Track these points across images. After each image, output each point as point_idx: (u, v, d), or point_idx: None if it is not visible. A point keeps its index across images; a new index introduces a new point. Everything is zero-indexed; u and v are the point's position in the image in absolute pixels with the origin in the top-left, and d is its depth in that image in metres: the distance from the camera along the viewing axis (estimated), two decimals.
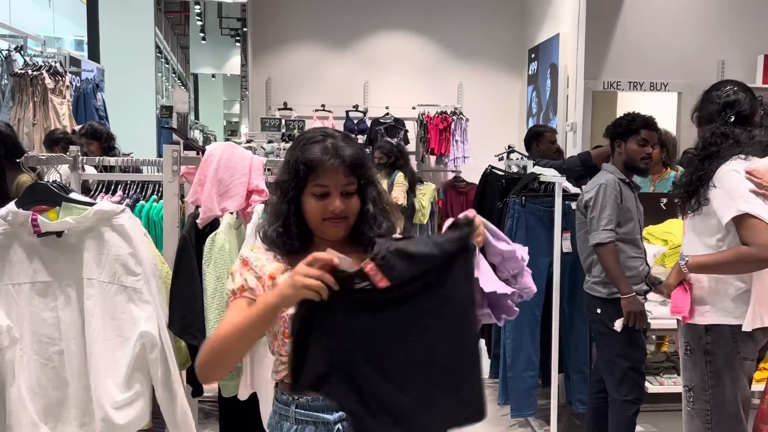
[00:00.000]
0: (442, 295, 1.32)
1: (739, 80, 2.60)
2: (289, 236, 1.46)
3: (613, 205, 3.03)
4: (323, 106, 7.73)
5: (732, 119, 2.44)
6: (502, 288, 1.44)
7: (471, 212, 1.41)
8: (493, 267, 1.49)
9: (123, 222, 1.97)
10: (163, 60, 9.63)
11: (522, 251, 1.52)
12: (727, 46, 6.73)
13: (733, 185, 2.33)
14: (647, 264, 3.17)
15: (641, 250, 3.15)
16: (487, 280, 1.42)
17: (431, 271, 1.32)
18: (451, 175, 7.81)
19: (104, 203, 2.01)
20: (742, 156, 2.38)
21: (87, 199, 2.07)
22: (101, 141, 4.35)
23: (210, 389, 2.91)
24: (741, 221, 2.28)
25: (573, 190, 3.67)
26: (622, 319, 2.95)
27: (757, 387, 2.63)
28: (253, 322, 1.33)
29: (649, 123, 3.15)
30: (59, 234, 1.97)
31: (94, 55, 7.04)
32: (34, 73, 5.23)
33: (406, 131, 7.65)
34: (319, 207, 1.43)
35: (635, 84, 6.67)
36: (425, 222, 7.22)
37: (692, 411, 2.46)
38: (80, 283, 1.98)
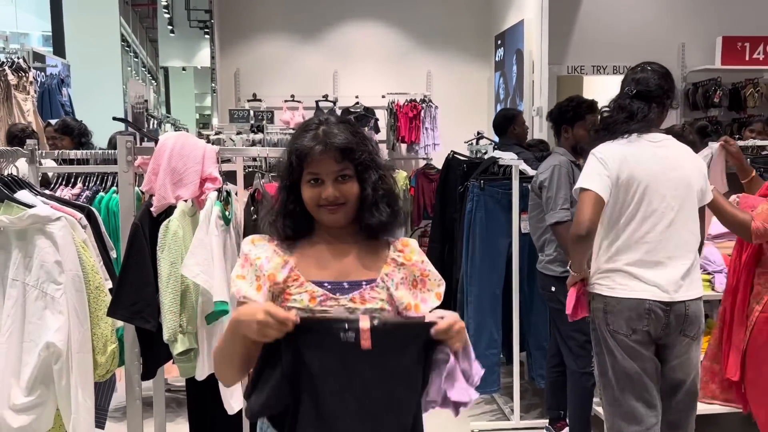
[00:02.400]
0: (401, 372, 1.39)
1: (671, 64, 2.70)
2: (287, 223, 1.49)
3: (567, 185, 3.12)
4: (293, 96, 7.75)
5: (633, 92, 2.50)
6: (463, 397, 1.45)
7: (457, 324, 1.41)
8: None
9: (55, 230, 2.00)
10: (131, 54, 9.57)
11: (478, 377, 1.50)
12: (686, 28, 6.86)
13: (587, 166, 2.49)
14: None
15: None
16: (455, 385, 1.45)
17: (402, 350, 1.39)
18: (422, 163, 7.88)
19: (41, 208, 2.03)
20: (622, 139, 2.46)
21: (30, 200, 2.09)
22: (72, 136, 4.35)
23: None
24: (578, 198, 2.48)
25: (531, 172, 3.76)
26: None
27: None
28: (228, 344, 1.40)
29: (593, 108, 3.26)
30: None
31: (59, 50, 6.98)
32: None
33: (377, 120, 7.69)
34: (313, 194, 1.45)
35: (598, 68, 6.79)
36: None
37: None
38: (5, 282, 2.02)
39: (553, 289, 3.19)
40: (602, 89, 7.40)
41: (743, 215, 2.58)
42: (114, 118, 2.62)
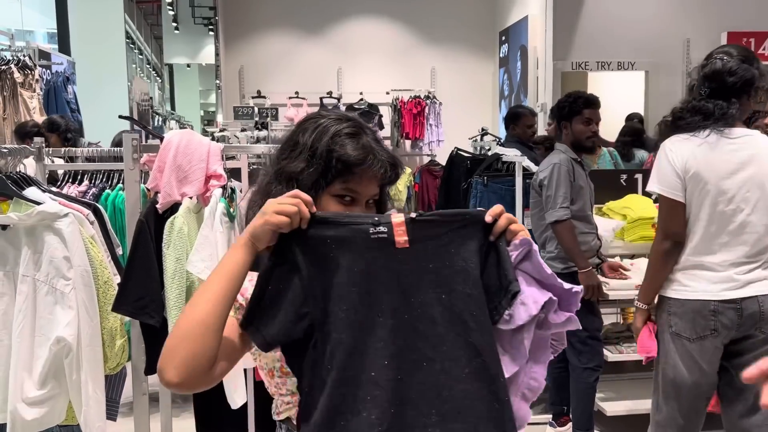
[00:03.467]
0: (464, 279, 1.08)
1: (737, 48, 2.36)
2: None
3: (567, 183, 3.13)
4: (297, 93, 7.77)
5: (707, 92, 2.30)
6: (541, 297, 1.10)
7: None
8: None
9: (63, 227, 2.02)
10: (136, 51, 9.59)
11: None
12: (691, 24, 6.84)
13: (657, 162, 2.35)
14: (598, 238, 3.28)
15: (593, 225, 3.27)
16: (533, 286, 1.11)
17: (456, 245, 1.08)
18: (426, 159, 7.90)
19: (50, 204, 2.06)
20: (696, 137, 2.27)
21: (39, 197, 2.12)
22: (59, 133, 4.38)
23: None
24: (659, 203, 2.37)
25: (534, 169, 3.77)
26: None
27: None
28: (219, 278, 1.05)
29: (590, 102, 3.24)
30: (4, 227, 2.04)
31: (64, 47, 7.01)
32: (3, 67, 5.24)
33: (381, 116, 7.71)
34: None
35: (603, 64, 6.78)
36: (402, 207, 7.33)
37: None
38: (15, 278, 2.05)
39: None
40: (607, 85, 7.40)
41: None
42: (120, 116, 2.64)
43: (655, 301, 2.41)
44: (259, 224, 1.05)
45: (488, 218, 1.10)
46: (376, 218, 1.07)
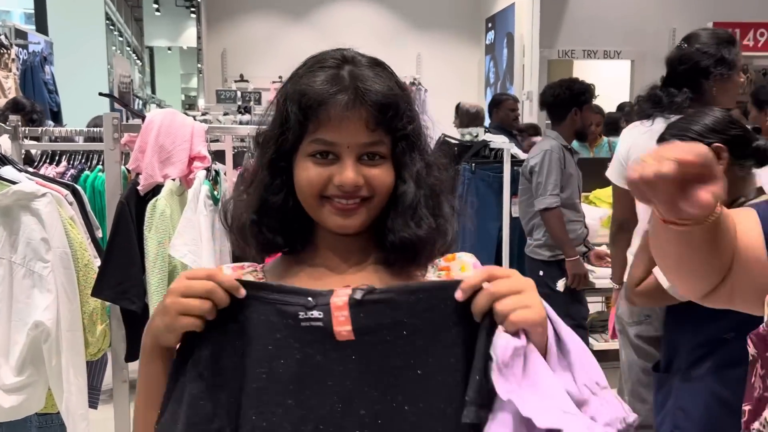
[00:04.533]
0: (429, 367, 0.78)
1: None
2: (272, 224, 0.92)
3: (558, 171, 3.10)
4: (280, 77, 7.66)
5: (663, 79, 2.27)
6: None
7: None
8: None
9: (40, 207, 1.94)
10: (116, 32, 9.41)
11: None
12: (678, 14, 6.85)
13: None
14: (585, 227, 3.27)
15: (581, 213, 3.26)
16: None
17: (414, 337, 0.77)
18: None
19: (26, 184, 1.98)
20: (651, 120, 2.19)
21: (15, 177, 2.04)
22: (24, 114, 4.26)
23: None
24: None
25: (522, 156, 3.74)
26: (564, 279, 3.05)
27: None
28: (144, 406, 0.87)
29: (593, 92, 3.26)
30: None
31: (41, 27, 6.84)
32: None
33: None
34: (318, 176, 0.88)
35: (589, 52, 6.77)
36: None
37: None
38: None
39: (541, 273, 3.19)
40: (594, 74, 7.40)
41: None
42: (101, 94, 2.56)
43: None
44: (162, 327, 0.81)
45: (458, 295, 0.76)
46: (311, 298, 0.77)
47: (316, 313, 0.76)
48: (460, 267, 0.95)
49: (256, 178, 0.93)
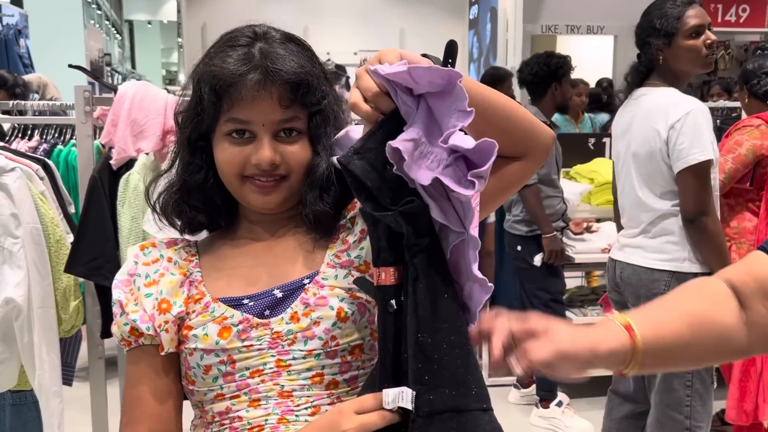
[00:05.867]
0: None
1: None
2: (194, 202, 0.95)
3: None
4: None
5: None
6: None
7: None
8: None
9: (9, 182, 1.90)
10: (94, 6, 9.22)
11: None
12: None
13: None
14: (564, 203, 3.26)
15: (558, 189, 3.24)
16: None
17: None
18: None
19: None
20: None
21: None
22: (7, 88, 4.17)
23: None
24: None
25: None
26: (541, 254, 3.06)
27: None
28: None
29: (571, 63, 3.21)
30: None
31: None
32: None
33: (348, 78, 7.56)
34: (236, 156, 0.90)
35: (573, 27, 6.74)
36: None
37: None
38: None
39: (519, 248, 3.20)
40: (579, 49, 7.36)
41: None
42: (71, 66, 2.49)
43: None
44: None
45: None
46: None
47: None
48: None
49: (176, 158, 0.96)
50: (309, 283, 0.91)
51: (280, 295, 0.91)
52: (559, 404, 3.21)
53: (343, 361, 0.90)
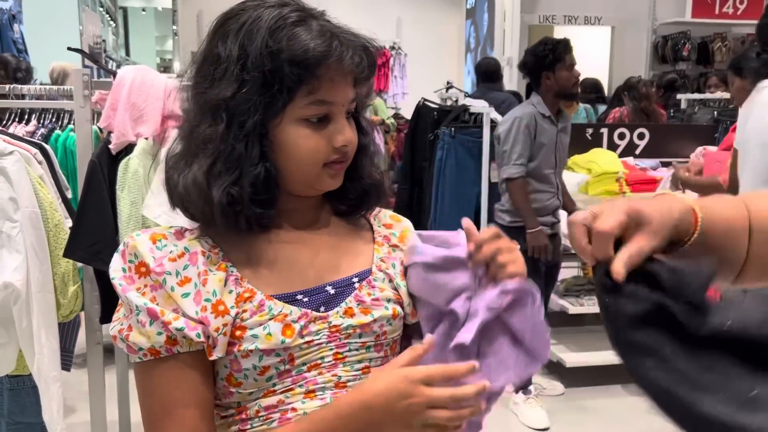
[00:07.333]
0: None
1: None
2: (262, 202, 0.84)
3: (524, 141, 3.01)
4: None
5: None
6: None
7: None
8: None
9: (7, 165, 1.88)
10: None
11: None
12: None
13: None
14: (558, 198, 3.19)
15: (551, 184, 3.15)
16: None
17: None
18: (390, 112, 7.78)
19: None
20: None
21: None
22: (7, 73, 4.13)
23: None
24: None
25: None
26: (518, 247, 3.03)
27: None
28: None
29: (569, 45, 3.10)
30: None
31: None
32: None
33: None
34: (320, 142, 0.84)
35: (570, 18, 6.73)
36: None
37: None
38: None
39: None
40: (575, 40, 7.34)
41: None
42: (69, 48, 2.47)
43: None
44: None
45: (470, 247, 0.90)
46: None
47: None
48: (402, 230, 1.00)
49: (231, 152, 0.82)
50: (360, 281, 0.92)
51: (332, 291, 0.90)
52: (527, 392, 3.18)
53: (384, 355, 0.93)
